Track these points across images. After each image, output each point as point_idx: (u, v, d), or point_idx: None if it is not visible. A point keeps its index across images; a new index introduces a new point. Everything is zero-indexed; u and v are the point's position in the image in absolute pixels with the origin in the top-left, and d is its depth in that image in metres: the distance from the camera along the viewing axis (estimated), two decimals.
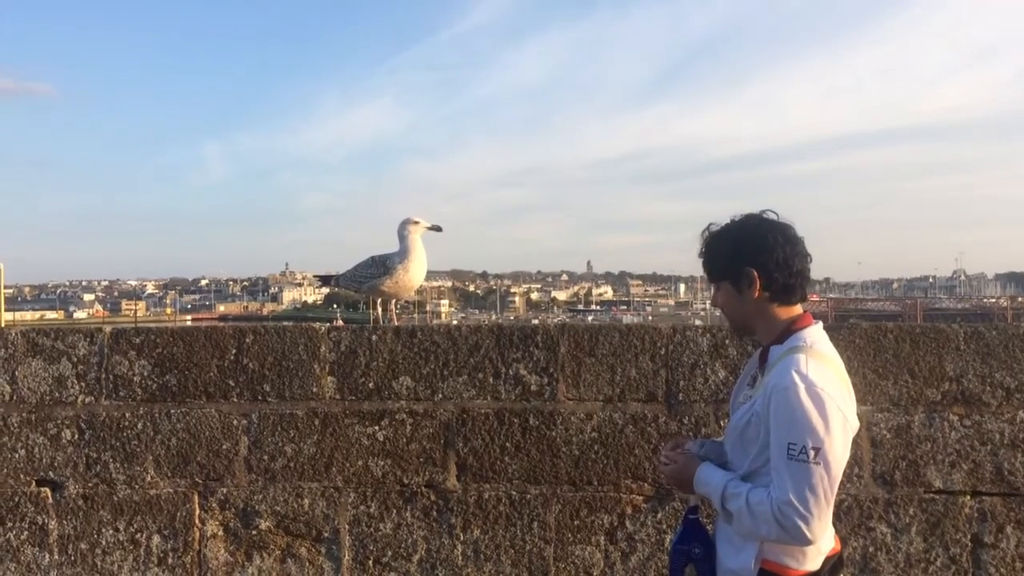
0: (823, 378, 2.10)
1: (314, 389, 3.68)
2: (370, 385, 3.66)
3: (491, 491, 3.59)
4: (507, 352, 3.63)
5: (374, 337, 3.68)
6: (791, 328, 2.27)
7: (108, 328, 3.79)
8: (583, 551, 3.55)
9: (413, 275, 4.24)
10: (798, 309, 2.32)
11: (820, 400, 2.06)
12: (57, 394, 3.73)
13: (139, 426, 3.70)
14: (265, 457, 3.67)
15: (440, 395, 3.64)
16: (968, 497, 3.42)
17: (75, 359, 3.74)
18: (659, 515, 3.52)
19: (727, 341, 3.52)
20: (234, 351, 3.70)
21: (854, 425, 2.16)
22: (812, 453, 2.04)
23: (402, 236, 4.28)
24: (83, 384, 3.73)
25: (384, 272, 4.22)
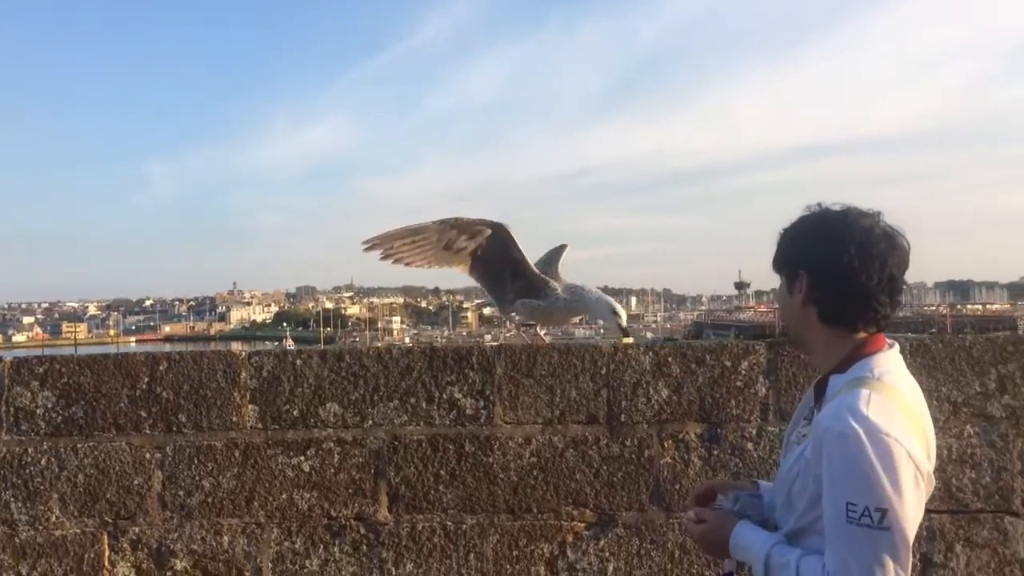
0: (890, 420, 1.71)
1: (234, 419, 3.44)
2: (295, 413, 3.44)
3: (425, 522, 3.38)
4: (441, 375, 3.44)
5: (298, 362, 3.46)
6: (856, 354, 1.87)
7: (8, 358, 3.51)
8: None
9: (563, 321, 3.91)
10: (856, 334, 1.90)
11: (886, 449, 1.68)
12: None
13: (43, 462, 3.42)
14: (181, 492, 3.42)
15: (370, 422, 3.43)
16: None
17: None
18: (601, 542, 3.35)
19: (670, 359, 3.38)
20: (146, 380, 3.45)
21: (929, 475, 1.76)
22: (877, 516, 1.67)
23: (592, 299, 3.86)
24: None
25: (536, 298, 3.82)
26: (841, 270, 1.84)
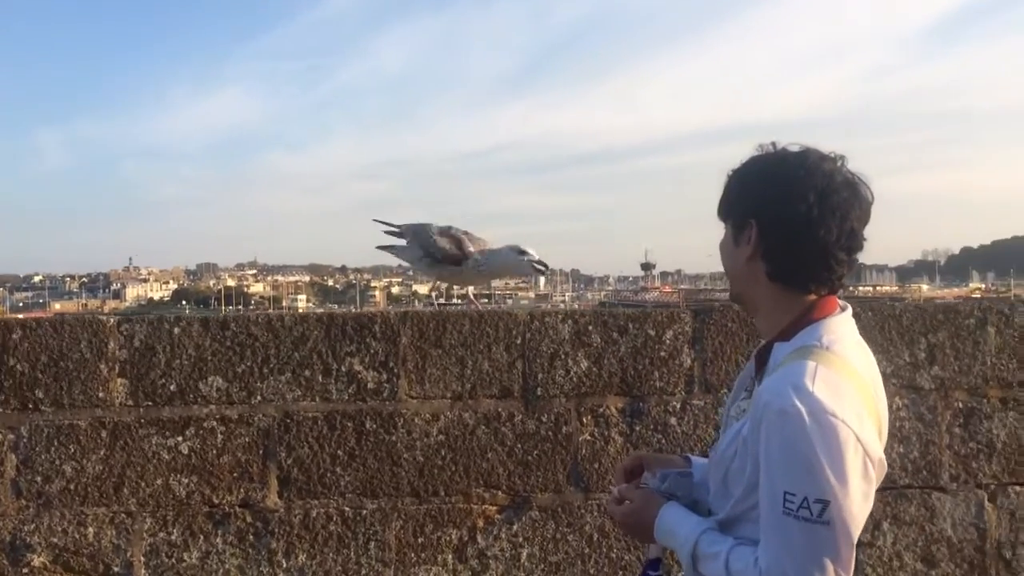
0: (837, 398, 1.48)
1: (100, 394, 3.02)
2: (172, 388, 3.04)
3: (320, 508, 3.05)
4: (339, 345, 3.10)
5: (176, 330, 3.06)
6: (803, 319, 1.63)
7: None
8: (428, 572, 3.06)
9: (485, 283, 3.48)
10: (809, 295, 1.65)
11: (832, 432, 1.46)
12: None
13: None
14: (38, 479, 2.99)
15: (258, 397, 3.07)
16: None
17: None
18: (515, 527, 3.08)
19: (590, 328, 3.12)
20: None
21: (881, 461, 1.54)
22: (818, 509, 1.46)
23: (501, 254, 3.38)
24: None
25: (455, 266, 3.37)
26: (797, 222, 1.59)
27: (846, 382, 1.52)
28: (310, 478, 3.05)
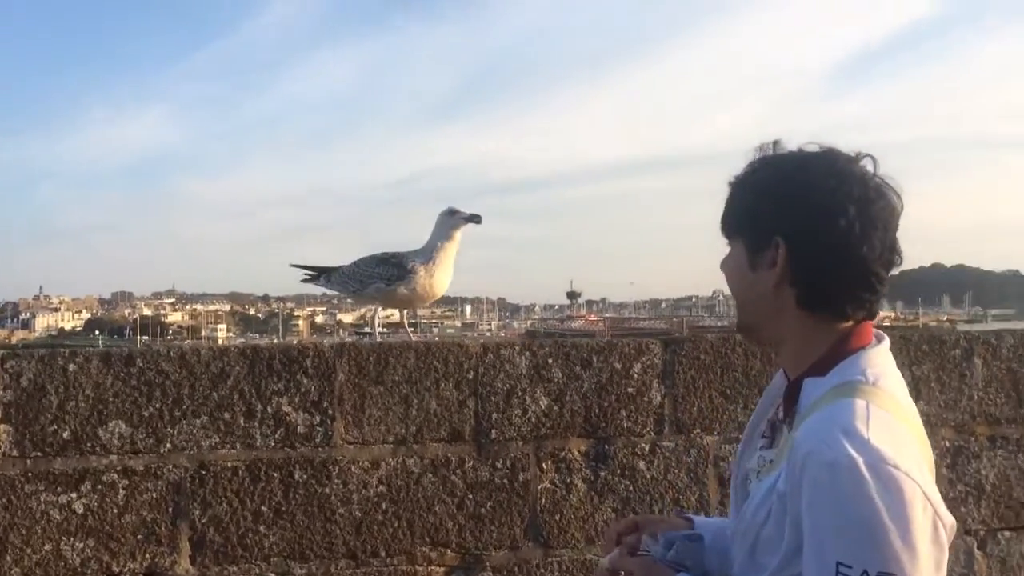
0: (896, 444, 1.22)
1: None
2: (65, 435, 2.60)
3: (240, 575, 2.63)
4: (265, 382, 2.70)
5: (72, 367, 2.63)
6: (839, 350, 1.36)
7: None
8: None
9: (437, 283, 3.09)
10: (844, 323, 1.39)
11: (895, 488, 1.18)
12: None
13: None
14: None
15: (168, 445, 2.64)
16: None
17: None
18: None
19: (550, 361, 2.80)
20: None
21: (952, 525, 1.26)
22: None
23: (435, 229, 3.11)
24: None
25: (400, 276, 3.07)
26: (837, 239, 1.33)
27: (902, 425, 1.27)
28: (228, 539, 2.63)
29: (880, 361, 1.36)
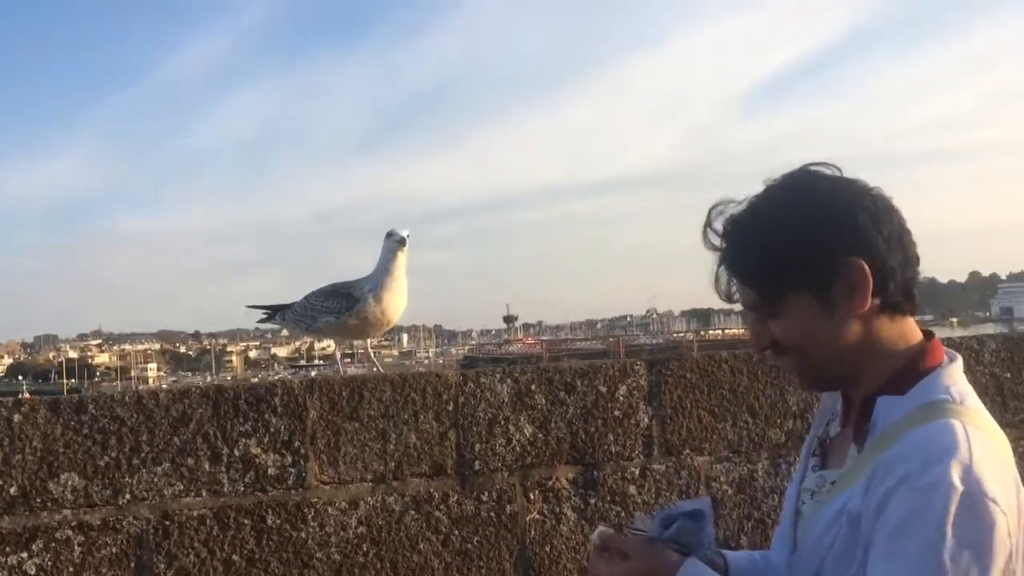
0: (997, 471, 1.14)
1: None
2: (12, 491, 2.38)
3: None
4: (231, 423, 2.53)
5: (16, 417, 2.41)
6: (916, 367, 1.27)
7: None
8: None
9: (390, 308, 2.90)
10: (916, 329, 1.31)
11: (988, 524, 1.10)
12: None
13: None
14: None
15: (127, 496, 2.44)
16: None
17: None
18: None
19: (532, 387, 2.69)
20: None
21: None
22: None
23: (381, 254, 2.94)
24: None
25: (349, 306, 2.89)
26: (896, 241, 1.27)
27: (999, 448, 1.18)
28: None
29: (960, 379, 1.28)
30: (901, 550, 1.12)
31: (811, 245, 1.25)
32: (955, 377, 1.27)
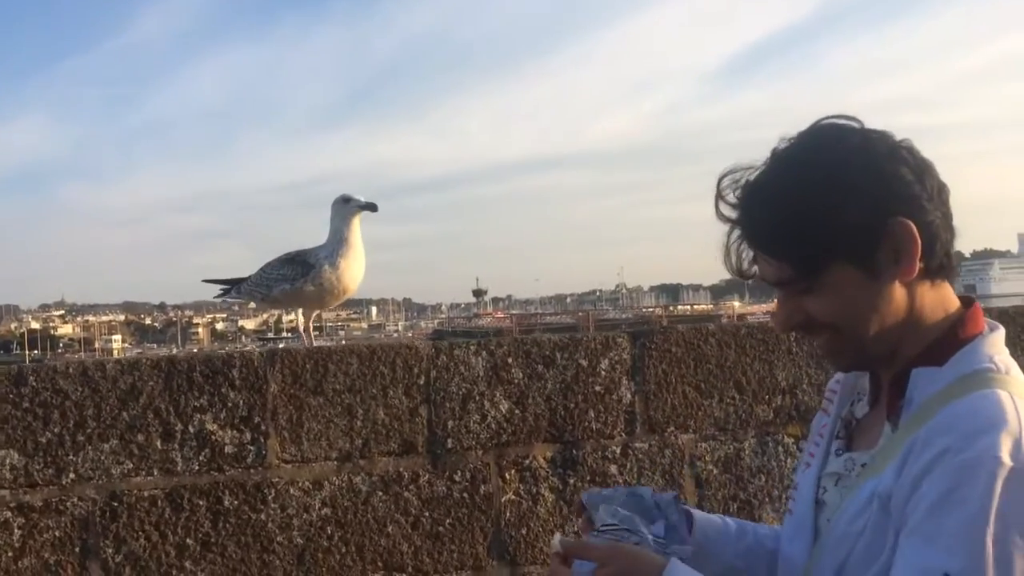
0: None
1: None
2: None
3: None
4: (185, 398, 2.35)
5: None
6: (956, 335, 1.14)
7: None
8: None
9: (347, 275, 2.72)
10: (954, 296, 1.18)
11: None
12: None
13: None
14: None
15: (72, 475, 2.27)
16: None
17: None
18: None
19: (509, 360, 2.53)
20: None
21: None
22: None
23: (333, 221, 2.76)
24: None
25: (304, 273, 2.72)
26: (940, 200, 1.14)
27: None
28: None
29: (1003, 349, 1.15)
30: (937, 530, 0.99)
31: (852, 207, 1.09)
32: (998, 346, 1.14)
